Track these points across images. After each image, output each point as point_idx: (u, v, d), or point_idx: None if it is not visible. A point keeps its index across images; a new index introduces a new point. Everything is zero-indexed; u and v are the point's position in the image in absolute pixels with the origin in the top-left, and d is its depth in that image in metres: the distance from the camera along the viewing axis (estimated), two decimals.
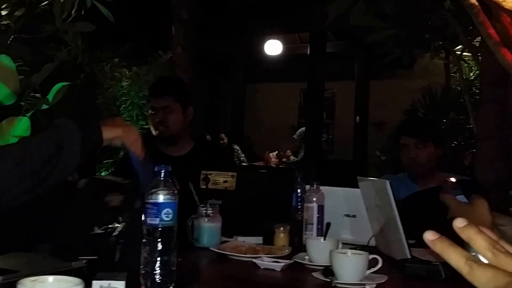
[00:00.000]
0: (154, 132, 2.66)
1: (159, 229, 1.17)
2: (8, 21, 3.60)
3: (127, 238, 1.18)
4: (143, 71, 5.94)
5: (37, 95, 3.95)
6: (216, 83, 10.99)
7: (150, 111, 2.71)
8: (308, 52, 8.46)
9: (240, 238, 2.00)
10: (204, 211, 1.95)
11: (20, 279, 0.92)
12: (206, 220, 1.93)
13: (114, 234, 1.31)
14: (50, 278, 0.95)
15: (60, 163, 1.18)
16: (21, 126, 3.45)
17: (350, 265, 1.48)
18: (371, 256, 1.50)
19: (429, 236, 0.62)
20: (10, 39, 3.66)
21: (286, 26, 8.34)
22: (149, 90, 2.99)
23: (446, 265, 0.63)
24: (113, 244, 1.31)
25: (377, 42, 4.52)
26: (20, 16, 3.62)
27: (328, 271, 1.52)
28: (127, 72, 5.88)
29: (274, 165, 8.80)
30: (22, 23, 3.65)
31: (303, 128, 8.78)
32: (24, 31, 3.74)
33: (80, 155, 1.21)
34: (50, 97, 3.71)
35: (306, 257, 1.72)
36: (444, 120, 5.99)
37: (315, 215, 1.97)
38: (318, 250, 1.69)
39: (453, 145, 5.76)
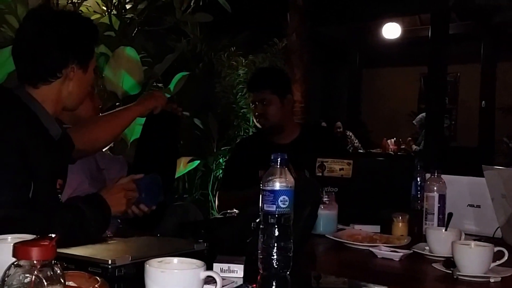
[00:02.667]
0: (257, 124, 2.73)
1: (276, 215, 1.18)
2: (132, 15, 3.81)
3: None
4: (259, 59, 6.01)
5: (160, 84, 4.15)
6: (332, 70, 10.88)
7: (251, 104, 2.80)
8: (429, 35, 8.10)
9: (357, 226, 1.98)
10: None
11: (148, 260, 0.98)
12: (322, 207, 1.92)
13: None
14: (175, 260, 1.00)
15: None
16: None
17: (474, 257, 1.43)
18: (496, 249, 1.44)
19: None
20: (135, 31, 3.87)
21: (406, 8, 8.03)
22: (247, 85, 3.03)
23: None
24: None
25: (505, 21, 4.23)
26: (143, 9, 3.81)
27: (449, 262, 1.47)
28: (244, 61, 5.99)
29: (392, 152, 8.57)
30: (144, 16, 3.84)
31: (423, 114, 8.46)
32: (147, 24, 3.93)
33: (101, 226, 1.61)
34: (171, 86, 3.88)
35: (426, 248, 1.67)
36: None
37: (436, 205, 1.92)
38: (439, 240, 1.64)
39: None
